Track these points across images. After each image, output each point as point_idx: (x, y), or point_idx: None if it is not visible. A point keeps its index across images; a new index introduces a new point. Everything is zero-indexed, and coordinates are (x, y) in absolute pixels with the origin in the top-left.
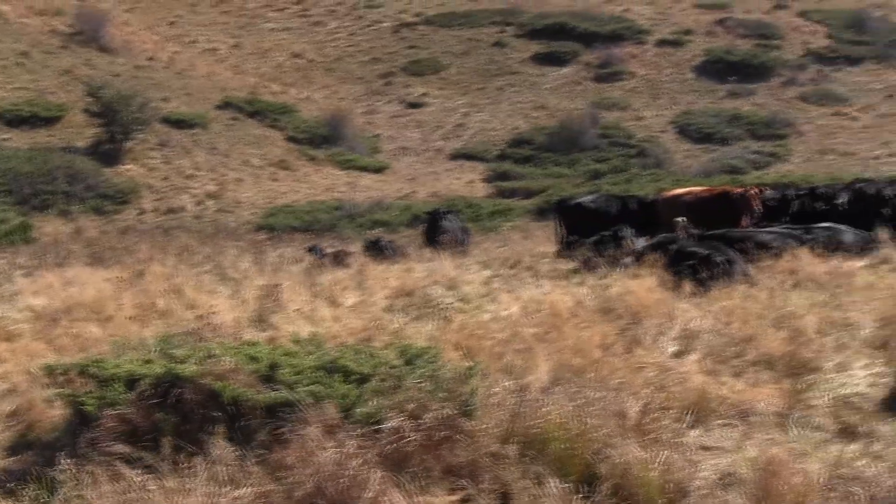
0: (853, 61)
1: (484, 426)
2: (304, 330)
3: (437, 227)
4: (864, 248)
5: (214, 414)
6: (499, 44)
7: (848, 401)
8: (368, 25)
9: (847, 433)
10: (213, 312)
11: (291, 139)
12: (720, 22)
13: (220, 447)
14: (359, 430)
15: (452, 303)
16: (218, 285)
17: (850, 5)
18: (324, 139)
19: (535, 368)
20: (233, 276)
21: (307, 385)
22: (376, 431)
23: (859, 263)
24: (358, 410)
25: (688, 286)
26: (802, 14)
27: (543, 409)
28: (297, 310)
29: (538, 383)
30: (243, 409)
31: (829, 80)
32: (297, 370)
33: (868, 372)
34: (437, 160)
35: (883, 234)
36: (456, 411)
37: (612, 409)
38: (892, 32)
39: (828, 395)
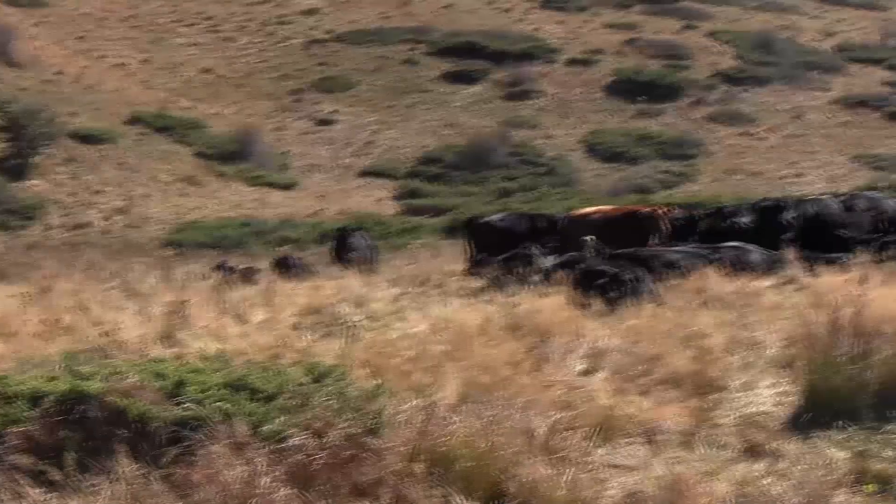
0: (760, 82)
1: (391, 444)
2: (212, 347)
3: (345, 245)
4: (770, 268)
5: (120, 431)
6: (409, 61)
7: (754, 419)
8: (279, 42)
9: (753, 452)
10: (120, 329)
11: (200, 155)
12: (629, 42)
13: (125, 465)
14: (265, 449)
15: (361, 321)
16: (125, 302)
17: (758, 27)
18: (233, 155)
19: (443, 386)
20: (140, 293)
21: (214, 403)
22: (282, 450)
23: (766, 283)
24: (264, 428)
25: (596, 305)
26: (711, 35)
27: (451, 427)
28: (205, 326)
29: (446, 401)
30: (149, 427)
31: (737, 100)
32: (204, 387)
33: (774, 391)
34: (346, 177)
35: (789, 253)
36: (363, 429)
37: (520, 427)
38: (799, 54)
39: (734, 413)
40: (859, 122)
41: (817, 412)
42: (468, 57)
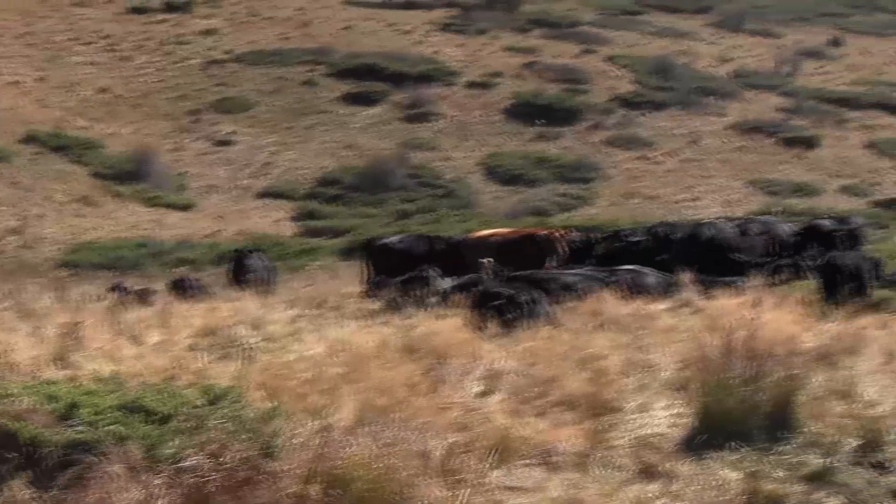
0: (658, 106)
1: (287, 467)
2: (106, 369)
3: (243, 267)
4: (666, 291)
5: (11, 455)
6: (309, 83)
7: (648, 441)
8: (177, 62)
9: (647, 473)
10: (12, 350)
11: (97, 175)
12: (528, 65)
13: (16, 490)
14: (160, 471)
15: (257, 342)
16: (18, 323)
17: (655, 52)
18: (130, 176)
19: (339, 408)
20: (34, 314)
21: (108, 425)
22: (177, 472)
23: (661, 306)
24: (159, 451)
25: (493, 327)
26: (609, 59)
27: (347, 450)
28: (99, 348)
29: (342, 423)
30: (41, 451)
31: (635, 124)
32: (98, 410)
33: (668, 413)
34: (244, 198)
35: (684, 276)
36: (258, 452)
37: (417, 449)
38: (696, 79)
39: (629, 435)
40: (754, 147)
41: (711, 433)
42: (368, 78)
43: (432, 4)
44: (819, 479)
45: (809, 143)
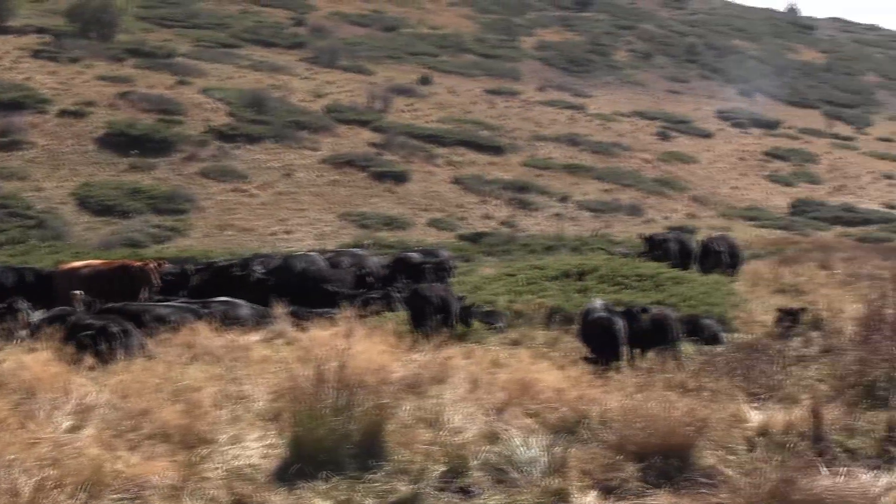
0: (252, 139)
1: None
2: None
3: None
4: (260, 322)
5: None
6: None
7: (241, 472)
8: None
9: None
10: None
11: None
12: (123, 95)
13: None
14: None
15: None
16: None
17: (250, 85)
18: None
19: None
20: None
21: None
22: None
23: (255, 337)
24: None
25: (86, 360)
26: (204, 91)
27: None
28: None
29: None
30: None
31: (230, 157)
32: None
33: (261, 444)
34: None
35: (277, 308)
36: None
37: (4, 486)
38: (290, 113)
39: (222, 466)
40: (347, 181)
41: (303, 463)
42: None
43: (23, 30)
44: None
45: (399, 177)
